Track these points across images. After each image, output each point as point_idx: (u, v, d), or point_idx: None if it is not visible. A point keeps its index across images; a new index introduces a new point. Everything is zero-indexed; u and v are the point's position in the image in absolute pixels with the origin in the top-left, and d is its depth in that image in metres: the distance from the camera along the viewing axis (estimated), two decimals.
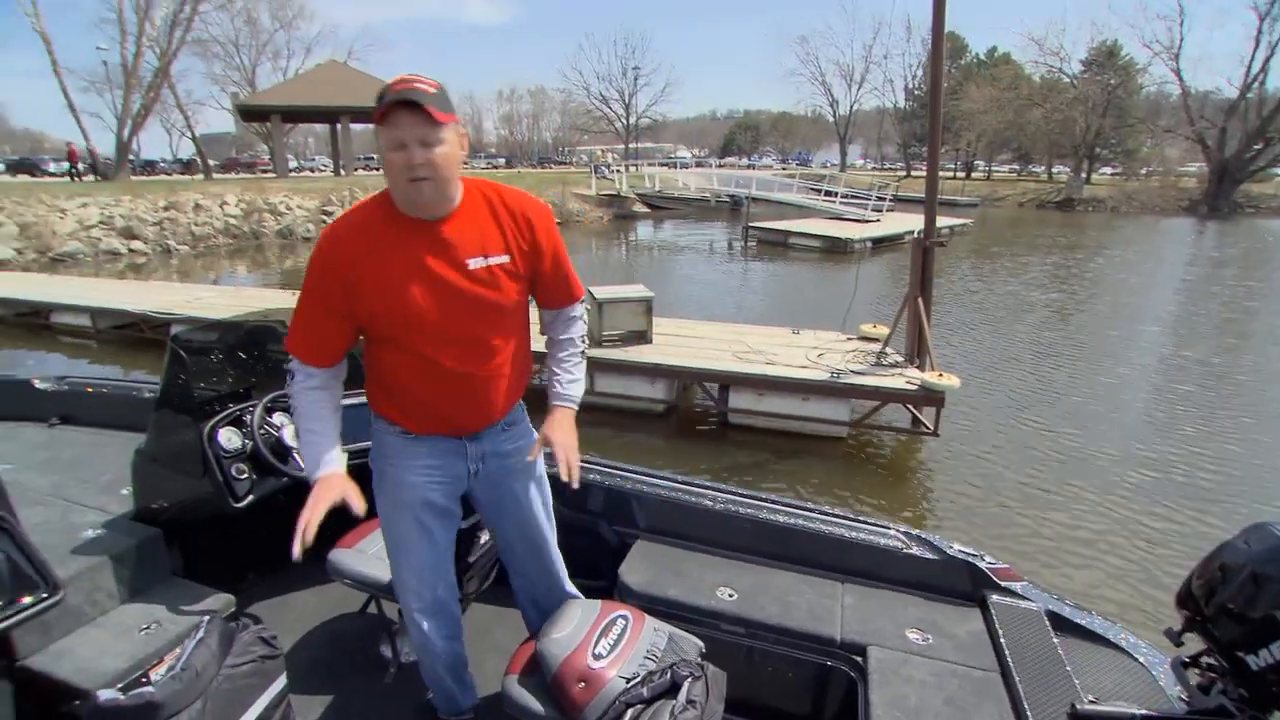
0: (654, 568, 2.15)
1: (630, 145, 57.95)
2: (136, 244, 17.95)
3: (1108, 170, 46.59)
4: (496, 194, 1.49)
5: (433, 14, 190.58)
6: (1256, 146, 34.29)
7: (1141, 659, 1.82)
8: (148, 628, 1.94)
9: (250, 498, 2.14)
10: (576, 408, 1.67)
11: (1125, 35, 52.74)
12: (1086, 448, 5.77)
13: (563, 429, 1.60)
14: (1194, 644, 1.46)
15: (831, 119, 64.31)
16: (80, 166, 26.47)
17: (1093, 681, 1.70)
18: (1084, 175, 42.45)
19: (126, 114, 30.40)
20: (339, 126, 30.77)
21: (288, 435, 2.25)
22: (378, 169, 40.20)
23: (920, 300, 5.59)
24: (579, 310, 1.71)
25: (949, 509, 4.91)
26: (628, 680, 1.55)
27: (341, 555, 2.14)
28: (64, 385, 3.25)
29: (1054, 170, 48.96)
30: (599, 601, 1.75)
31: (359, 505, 1.47)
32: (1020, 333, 10.09)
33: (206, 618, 1.63)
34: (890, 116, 59.40)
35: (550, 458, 1.67)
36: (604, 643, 1.60)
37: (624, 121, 60.10)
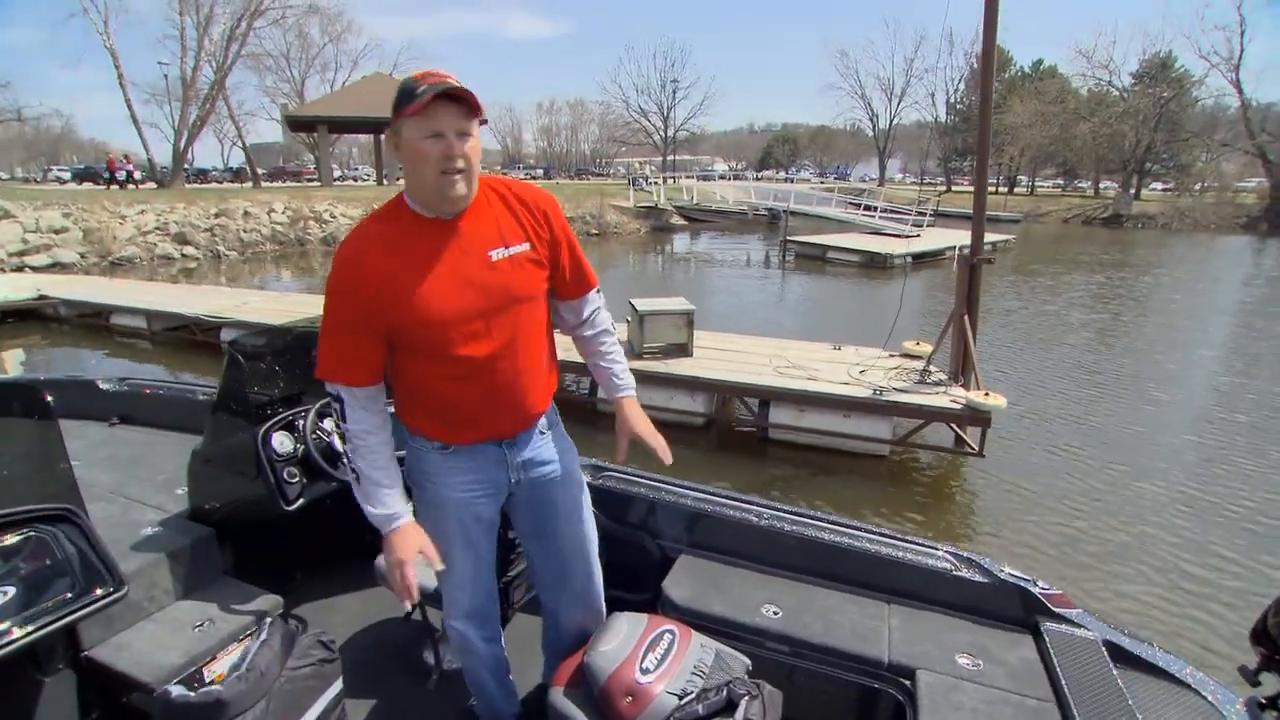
0: (698, 582, 2.12)
1: (668, 158, 58.23)
2: (189, 249, 18.62)
3: (1158, 186, 45.22)
4: (505, 186, 1.49)
5: (477, 28, 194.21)
6: None
7: (1209, 696, 1.72)
8: (201, 625, 1.98)
9: (301, 501, 2.19)
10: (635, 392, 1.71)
11: (1180, 46, 51.21)
12: (1132, 475, 5.58)
13: (640, 419, 1.64)
14: (1270, 684, 1.37)
15: (871, 133, 63.72)
16: (121, 175, 27.20)
17: (1156, 718, 1.62)
18: (1133, 191, 41.23)
19: (183, 125, 31.66)
20: (382, 137, 31.54)
21: (338, 441, 2.28)
22: None
23: (966, 318, 5.47)
24: (599, 299, 1.70)
25: (993, 532, 4.79)
26: (676, 696, 1.53)
27: None
28: (124, 386, 3.36)
29: (1101, 186, 47.70)
30: (645, 615, 1.73)
31: (437, 561, 1.49)
32: (1061, 354, 9.81)
33: (268, 619, 1.67)
34: (931, 131, 58.61)
35: (593, 469, 1.68)
36: (651, 657, 1.58)
37: (662, 134, 60.44)
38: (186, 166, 35.60)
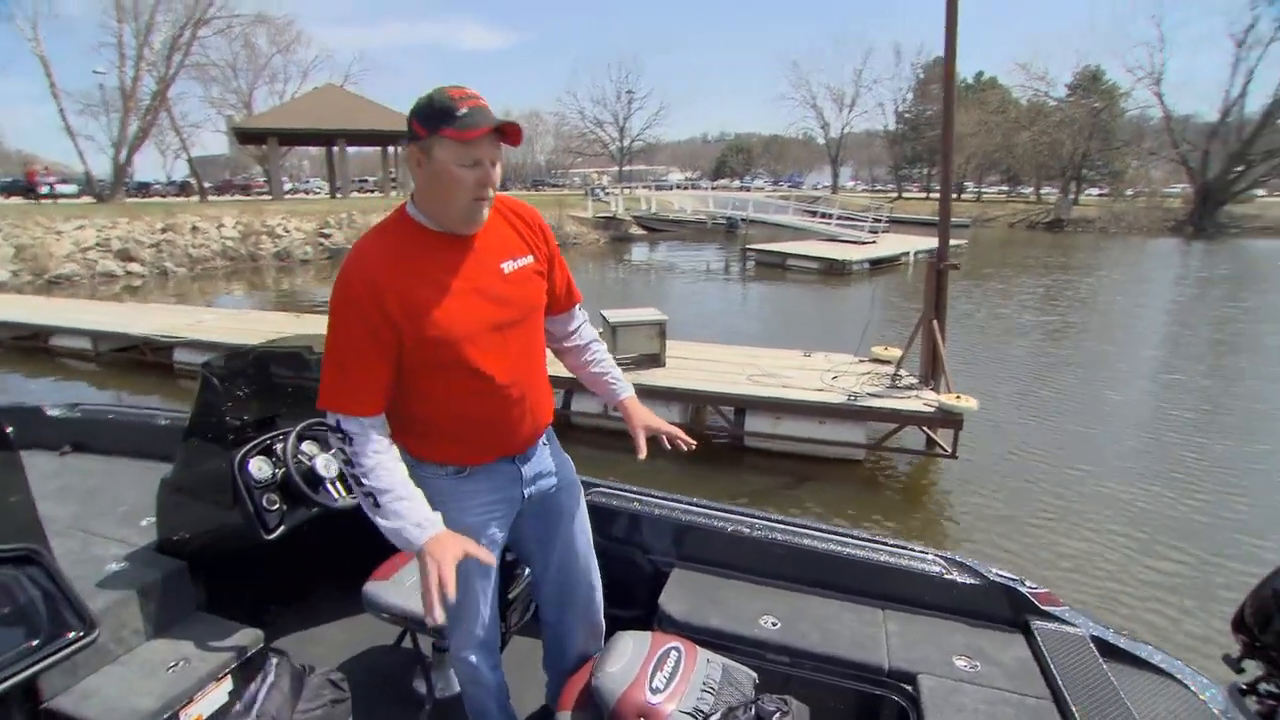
0: (694, 596, 2.11)
1: (623, 168, 58.44)
2: (134, 266, 17.90)
3: (1094, 191, 47.32)
4: (502, 203, 1.49)
5: (430, 39, 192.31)
6: (1238, 169, 34.96)
7: (1192, 685, 1.79)
8: (176, 665, 1.87)
9: (281, 529, 2.09)
10: None
11: (1107, 61, 53.71)
12: (1094, 474, 5.77)
13: (649, 413, 1.70)
14: (1252, 671, 1.43)
15: (823, 141, 65.13)
16: (43, 189, 25.75)
17: (1146, 709, 1.67)
18: (1072, 196, 43.09)
19: (124, 137, 30.49)
20: (335, 149, 30.93)
21: (320, 464, 2.20)
22: (373, 191, 40.39)
23: (935, 322, 5.61)
24: (583, 313, 1.74)
25: (970, 532, 4.90)
26: (689, 715, 1.51)
27: (378, 588, 2.10)
28: (75, 412, 3.18)
29: (1042, 191, 49.69)
30: (649, 633, 1.72)
31: (486, 555, 1.35)
32: (1017, 356, 10.14)
33: (275, 659, 1.59)
34: (881, 140, 60.21)
35: (581, 486, 1.70)
36: (660, 676, 1.56)
37: (618, 144, 60.66)
38: (127, 180, 34.25)
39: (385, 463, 1.36)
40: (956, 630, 2.00)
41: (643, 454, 1.64)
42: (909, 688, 1.80)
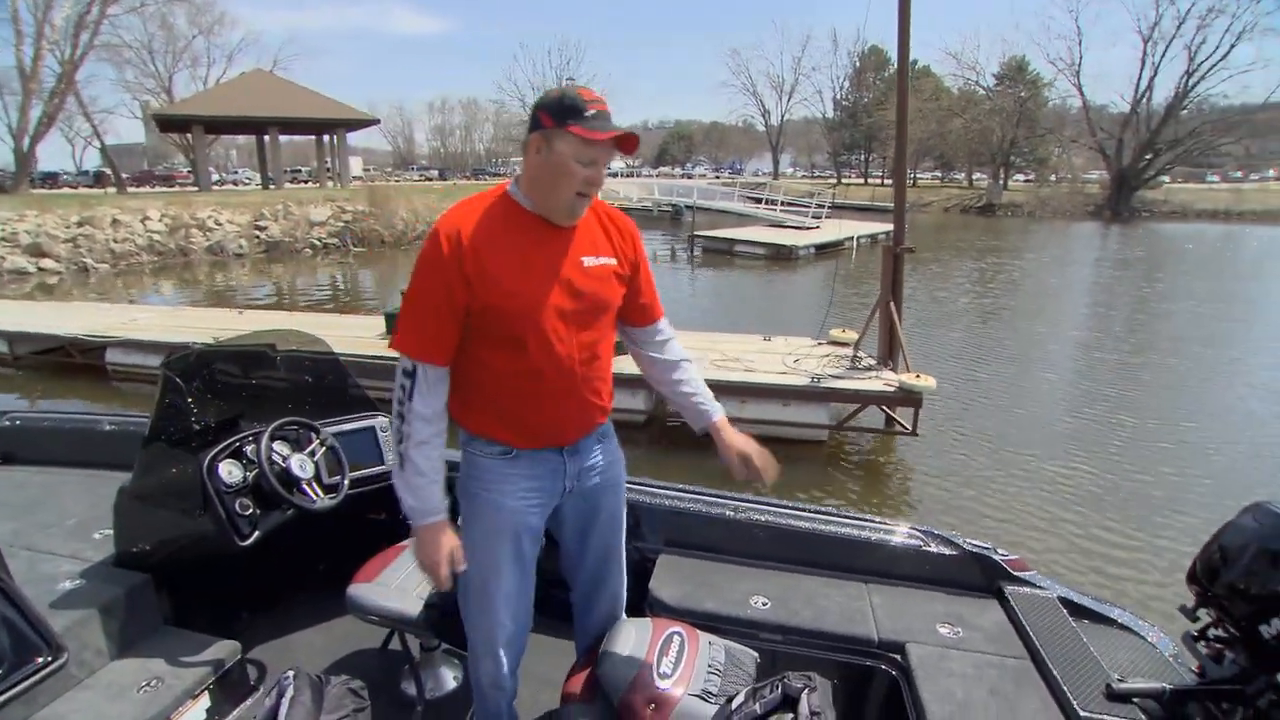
0: (684, 581, 2.13)
1: None
2: (47, 262, 16.72)
3: (1020, 177, 49.46)
4: (600, 206, 1.56)
5: (360, 24, 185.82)
6: (1148, 157, 37.28)
7: (1150, 637, 1.94)
8: (147, 685, 1.77)
9: (256, 534, 2.00)
10: None
11: (1031, 52, 56.18)
12: (1040, 452, 6.07)
13: (743, 437, 1.63)
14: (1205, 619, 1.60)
15: (763, 129, 65.90)
16: None
17: (1111, 660, 1.78)
18: (1002, 182, 44.98)
19: (25, 122, 28.38)
20: (267, 138, 29.57)
21: (295, 465, 2.11)
22: (306, 181, 38.78)
23: (892, 304, 5.79)
24: (670, 329, 1.73)
25: (937, 506, 5.10)
26: (699, 697, 1.51)
27: (363, 590, 2.04)
28: (4, 421, 2.96)
29: (974, 177, 51.66)
30: (649, 619, 1.73)
31: (460, 565, 1.48)
32: (958, 337, 10.53)
33: (290, 673, 1.52)
34: (820, 126, 61.36)
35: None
36: (666, 662, 1.57)
37: None
38: (31, 170, 31.93)
39: (427, 434, 1.43)
40: (936, 599, 2.09)
41: (739, 478, 1.65)
42: (898, 657, 1.87)
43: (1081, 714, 1.58)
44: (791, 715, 1.41)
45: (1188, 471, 5.58)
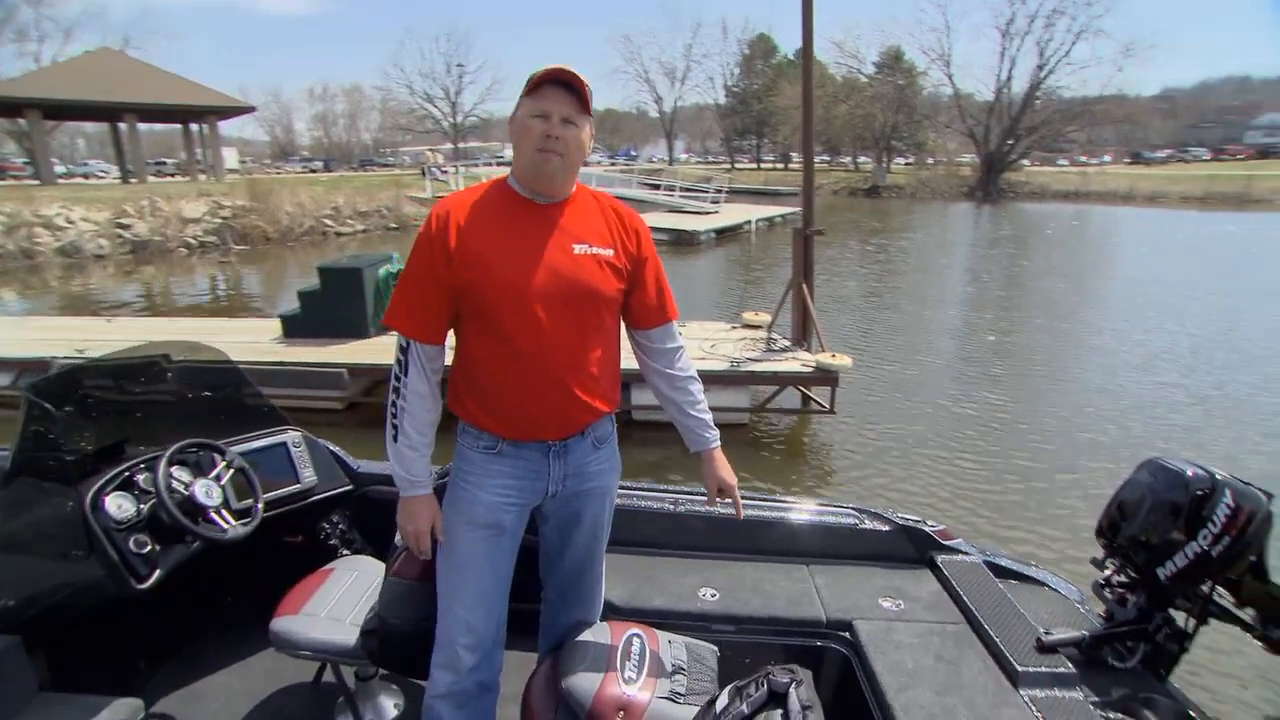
0: (631, 580, 2.12)
1: (458, 145, 55.98)
2: None
3: (902, 160, 52.52)
4: (605, 199, 1.59)
5: (224, 2, 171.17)
6: (1010, 142, 40.71)
7: (1062, 590, 2.13)
8: None
9: (157, 573, 1.76)
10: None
11: (907, 42, 59.62)
12: (945, 418, 6.52)
13: (727, 470, 1.69)
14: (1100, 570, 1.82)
15: (656, 115, 66.41)
16: None
17: (1033, 614, 1.92)
18: (885, 165, 47.65)
19: None
20: (123, 126, 26.79)
21: (199, 491, 1.86)
22: (173, 175, 35.46)
23: (804, 285, 5.98)
24: (681, 339, 1.70)
25: (855, 478, 5.34)
26: (668, 699, 1.49)
27: (289, 623, 1.89)
28: None
29: (859, 161, 54.31)
30: (606, 624, 1.70)
31: (440, 539, 1.54)
32: (856, 316, 11.05)
33: None
34: (712, 113, 62.53)
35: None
36: (629, 666, 1.54)
37: (450, 120, 57.96)
38: None
39: (419, 411, 1.49)
40: (876, 574, 2.18)
41: (711, 503, 1.76)
42: (847, 635, 1.94)
43: (1019, 669, 1.69)
44: (781, 711, 1.36)
45: (1075, 434, 6.10)
